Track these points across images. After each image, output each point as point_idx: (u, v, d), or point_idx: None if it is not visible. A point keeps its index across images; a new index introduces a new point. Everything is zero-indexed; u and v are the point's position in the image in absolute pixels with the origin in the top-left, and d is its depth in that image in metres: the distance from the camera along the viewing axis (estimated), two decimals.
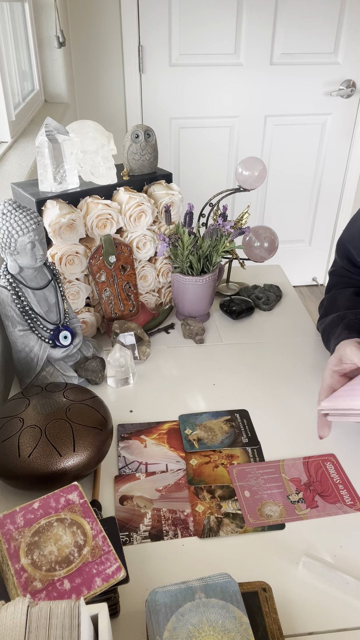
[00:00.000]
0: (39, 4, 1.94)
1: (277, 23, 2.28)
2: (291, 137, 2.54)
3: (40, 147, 0.91)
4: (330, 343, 0.90)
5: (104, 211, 0.96)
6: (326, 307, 0.98)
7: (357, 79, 2.44)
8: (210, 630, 0.49)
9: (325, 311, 0.97)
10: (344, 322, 0.88)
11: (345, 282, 0.99)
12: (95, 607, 0.46)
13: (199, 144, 2.50)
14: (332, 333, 0.90)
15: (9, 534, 0.55)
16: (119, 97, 2.38)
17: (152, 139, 1.01)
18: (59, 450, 0.68)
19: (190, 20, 2.23)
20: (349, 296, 0.95)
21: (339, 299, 0.96)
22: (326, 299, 1.00)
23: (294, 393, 0.92)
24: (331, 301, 0.97)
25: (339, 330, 0.87)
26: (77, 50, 2.27)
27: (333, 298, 0.98)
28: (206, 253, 1.03)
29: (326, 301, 0.99)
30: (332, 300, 0.97)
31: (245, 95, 2.42)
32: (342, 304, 0.94)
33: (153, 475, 0.76)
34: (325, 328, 0.94)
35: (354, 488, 0.74)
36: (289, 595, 0.61)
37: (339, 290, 0.98)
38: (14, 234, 0.79)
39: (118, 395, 0.92)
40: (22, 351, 0.87)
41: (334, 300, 0.97)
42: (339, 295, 0.97)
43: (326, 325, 0.93)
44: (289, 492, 0.73)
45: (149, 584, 0.62)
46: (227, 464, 0.78)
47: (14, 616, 0.41)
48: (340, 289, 0.99)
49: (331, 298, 0.98)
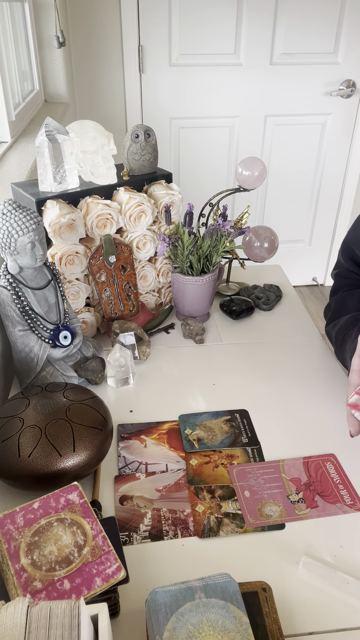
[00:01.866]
0: (39, 4, 1.94)
1: (277, 23, 2.28)
2: (291, 137, 2.54)
3: (40, 147, 0.91)
4: (345, 345, 0.87)
5: (104, 211, 0.96)
6: (335, 310, 0.96)
7: (357, 79, 2.44)
8: (210, 630, 0.49)
9: (335, 314, 0.95)
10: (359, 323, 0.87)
11: (352, 284, 0.97)
12: (95, 607, 0.46)
13: (199, 144, 2.50)
14: (348, 335, 0.87)
15: (9, 534, 0.55)
16: (119, 97, 2.38)
17: (152, 139, 1.01)
18: (59, 450, 0.68)
19: (190, 20, 2.23)
20: (359, 297, 0.93)
21: (349, 301, 0.94)
22: (334, 301, 0.98)
23: (294, 393, 0.92)
24: (340, 303, 0.95)
25: (355, 331, 0.85)
26: (77, 50, 2.27)
27: (342, 300, 0.96)
28: (206, 253, 1.03)
29: (334, 303, 0.97)
30: (341, 302, 0.95)
31: (245, 95, 2.42)
32: (352, 305, 0.92)
33: (153, 475, 0.76)
34: (339, 330, 0.91)
35: (354, 488, 0.74)
36: (289, 595, 0.61)
37: (346, 292, 0.96)
38: (14, 234, 0.79)
39: (118, 395, 0.92)
40: (22, 351, 0.87)
41: (344, 302, 0.95)
42: (348, 297, 0.95)
43: (340, 328, 0.91)
44: (289, 492, 0.73)
45: (149, 584, 0.62)
46: (227, 464, 0.78)
47: (14, 616, 0.41)
48: (347, 290, 0.97)
49: (340, 300, 0.96)
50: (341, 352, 0.90)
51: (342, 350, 0.90)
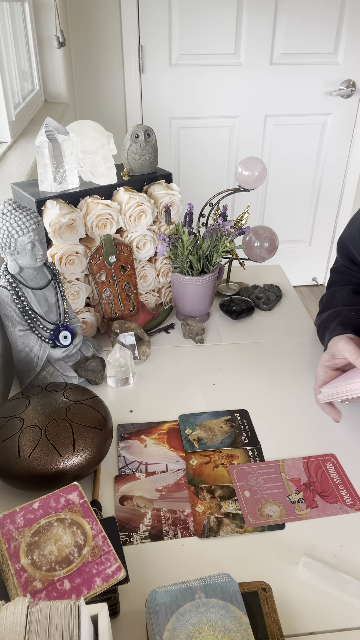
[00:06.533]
0: (39, 4, 1.94)
1: (277, 23, 2.28)
2: (291, 137, 2.54)
3: (40, 147, 0.91)
4: (324, 338, 0.90)
5: (104, 211, 0.96)
6: (325, 303, 0.99)
7: (357, 79, 2.44)
8: (210, 630, 0.49)
9: (324, 307, 0.98)
10: (339, 318, 0.88)
11: (345, 280, 1.00)
12: (95, 607, 0.46)
13: (199, 144, 2.50)
14: (327, 329, 0.90)
15: (9, 534, 0.55)
16: (119, 97, 2.38)
17: (152, 139, 1.01)
18: (59, 450, 0.68)
19: (190, 20, 2.23)
20: (347, 293, 0.95)
21: (338, 296, 0.96)
22: (326, 296, 1.01)
23: (294, 393, 0.92)
24: (330, 298, 0.98)
25: (333, 326, 0.87)
26: (77, 50, 2.27)
27: (332, 295, 0.98)
28: (206, 253, 1.03)
29: (325, 297, 1.00)
30: (331, 297, 0.98)
31: (245, 95, 2.42)
32: (340, 300, 0.95)
33: (153, 475, 0.76)
34: (321, 323, 0.94)
35: (354, 488, 0.74)
36: (289, 595, 0.61)
37: (338, 287, 0.99)
38: (14, 234, 0.79)
39: (118, 395, 0.92)
40: (22, 351, 0.87)
41: (333, 297, 0.97)
42: (338, 292, 0.98)
43: (322, 321, 0.94)
44: (289, 492, 0.73)
45: (149, 584, 0.62)
46: (227, 464, 0.78)
47: (14, 616, 0.41)
48: (340, 285, 0.99)
49: (330, 294, 0.99)
50: (322, 344, 0.93)
51: (322, 343, 0.93)
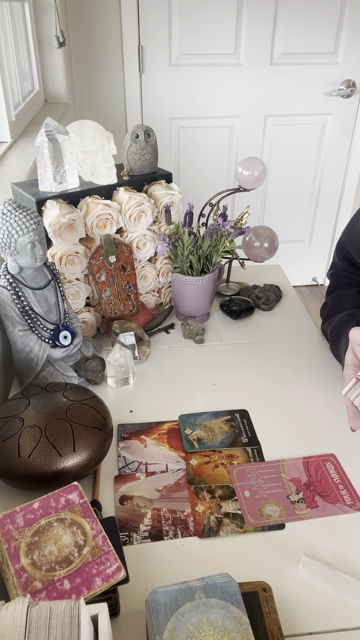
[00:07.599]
0: (39, 4, 1.94)
1: (277, 23, 2.28)
2: (291, 137, 2.54)
3: (40, 147, 0.91)
4: (340, 342, 0.88)
5: (104, 211, 0.96)
6: (331, 308, 0.97)
7: (357, 79, 2.44)
8: (210, 630, 0.49)
9: (331, 312, 0.96)
10: (355, 319, 0.87)
11: (347, 283, 0.99)
12: (95, 607, 0.46)
13: (199, 144, 2.50)
14: (342, 332, 0.88)
15: (9, 534, 0.55)
16: (119, 97, 2.38)
17: (152, 139, 1.01)
18: (59, 450, 0.68)
19: (190, 20, 2.23)
20: (354, 296, 0.94)
21: (345, 299, 0.95)
22: (330, 300, 0.99)
23: (294, 393, 0.92)
24: (336, 302, 0.97)
25: (351, 327, 0.85)
26: (77, 50, 2.27)
27: (338, 299, 0.97)
28: (206, 253, 1.03)
29: (330, 302, 0.98)
30: (337, 301, 0.97)
31: (245, 95, 2.42)
32: (348, 303, 0.93)
33: (153, 475, 0.76)
34: (334, 327, 0.92)
35: (354, 488, 0.74)
36: (289, 595, 0.61)
37: (342, 290, 0.98)
38: (14, 234, 0.79)
39: (118, 395, 0.92)
40: (22, 351, 0.87)
41: (339, 301, 0.96)
42: (344, 295, 0.96)
43: (335, 325, 0.92)
44: (289, 492, 0.73)
45: (149, 584, 0.62)
46: (227, 464, 0.78)
47: (14, 616, 0.41)
48: (343, 289, 0.98)
49: (336, 299, 0.97)
50: (336, 349, 0.91)
51: (337, 347, 0.91)
